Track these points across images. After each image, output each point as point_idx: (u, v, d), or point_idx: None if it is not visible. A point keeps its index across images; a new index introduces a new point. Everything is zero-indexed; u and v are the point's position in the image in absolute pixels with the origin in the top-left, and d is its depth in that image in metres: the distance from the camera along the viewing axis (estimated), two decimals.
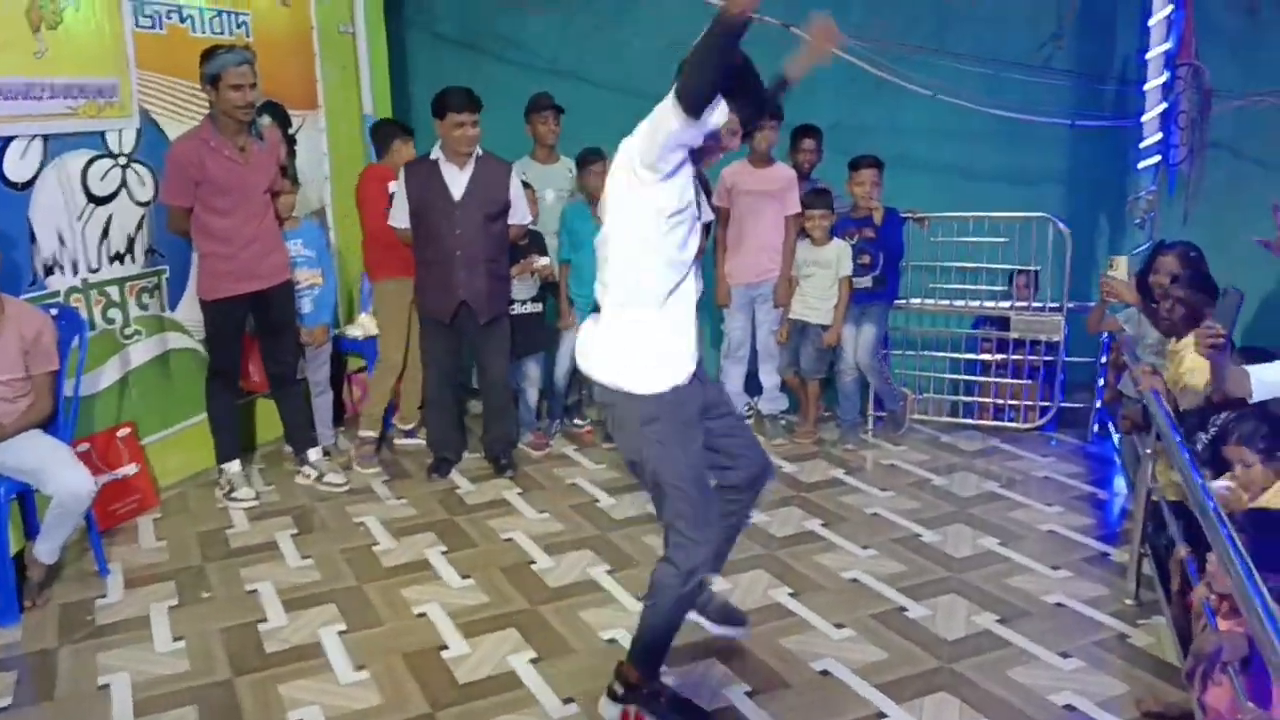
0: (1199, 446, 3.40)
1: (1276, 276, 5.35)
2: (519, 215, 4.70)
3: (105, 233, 4.35)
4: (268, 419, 5.15)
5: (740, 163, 5.14)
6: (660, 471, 2.73)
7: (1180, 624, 3.12)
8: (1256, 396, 2.97)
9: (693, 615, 3.09)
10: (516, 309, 4.96)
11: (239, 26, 4.99)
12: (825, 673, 3.15)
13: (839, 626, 3.43)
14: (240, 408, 4.81)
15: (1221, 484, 3.02)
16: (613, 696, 2.94)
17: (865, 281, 5.14)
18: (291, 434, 4.79)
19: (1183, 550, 3.14)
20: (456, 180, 4.49)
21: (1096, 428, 5.28)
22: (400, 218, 4.63)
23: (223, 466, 4.57)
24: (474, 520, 4.37)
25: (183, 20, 4.68)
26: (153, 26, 4.53)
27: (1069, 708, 2.96)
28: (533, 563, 3.95)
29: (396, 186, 4.66)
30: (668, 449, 2.72)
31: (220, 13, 4.86)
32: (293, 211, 4.81)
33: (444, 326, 4.64)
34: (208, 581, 3.83)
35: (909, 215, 5.30)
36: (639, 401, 2.72)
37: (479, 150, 4.55)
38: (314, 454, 4.76)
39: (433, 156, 4.54)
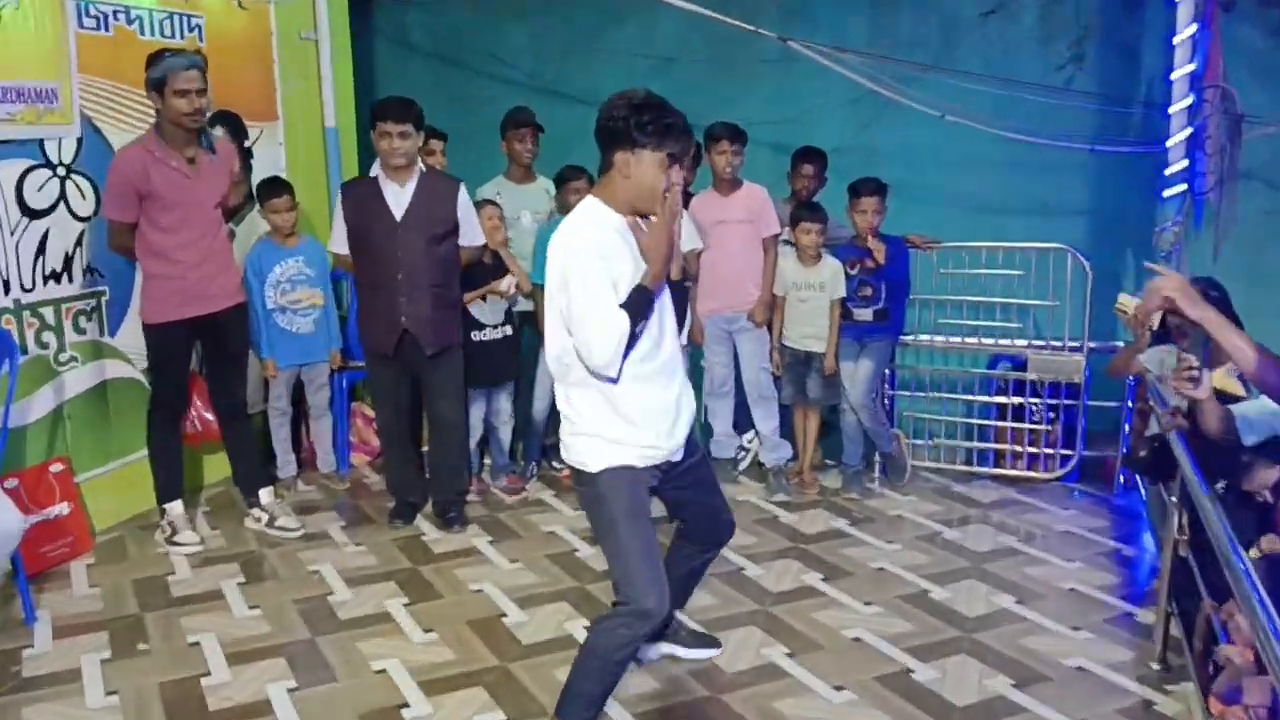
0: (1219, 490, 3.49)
1: None
2: (470, 236, 4.70)
3: (41, 249, 4.41)
4: (215, 458, 5.20)
5: (705, 192, 5.23)
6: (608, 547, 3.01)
7: (1206, 686, 3.16)
8: (1246, 440, 3.06)
9: (666, 647, 3.61)
10: (485, 334, 4.98)
11: (191, 30, 5.09)
12: None
13: (838, 689, 3.48)
14: (185, 445, 4.83)
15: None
16: None
17: (866, 314, 5.22)
18: (240, 474, 4.82)
19: (1207, 605, 3.21)
20: (398, 199, 4.52)
21: (1123, 479, 5.36)
22: (339, 243, 4.68)
23: (164, 507, 4.61)
24: (440, 570, 4.41)
25: (130, 22, 4.77)
26: (98, 28, 4.62)
27: None
28: (504, 616, 3.98)
29: (334, 208, 4.71)
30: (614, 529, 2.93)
31: (171, 15, 4.97)
32: (294, 229, 5.12)
33: (389, 360, 4.68)
34: (144, 632, 3.86)
35: (913, 242, 5.39)
36: (586, 477, 2.97)
37: (422, 166, 4.61)
38: (265, 495, 4.80)
39: (373, 174, 4.60)
